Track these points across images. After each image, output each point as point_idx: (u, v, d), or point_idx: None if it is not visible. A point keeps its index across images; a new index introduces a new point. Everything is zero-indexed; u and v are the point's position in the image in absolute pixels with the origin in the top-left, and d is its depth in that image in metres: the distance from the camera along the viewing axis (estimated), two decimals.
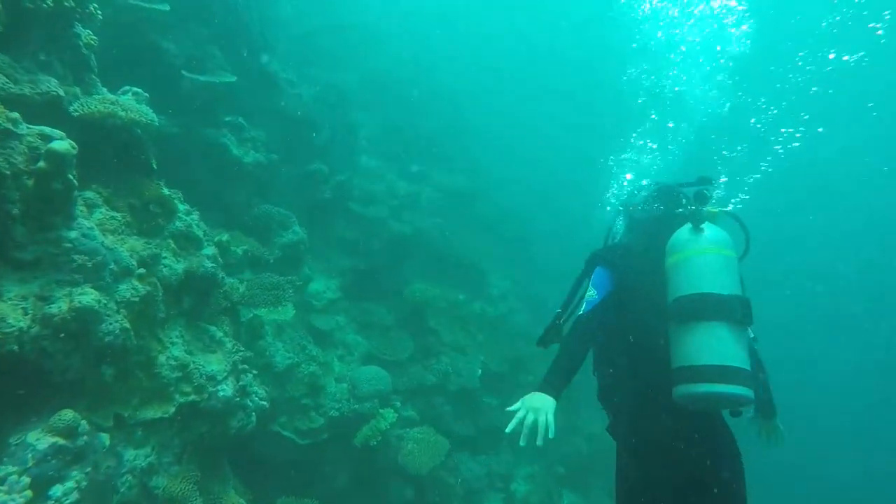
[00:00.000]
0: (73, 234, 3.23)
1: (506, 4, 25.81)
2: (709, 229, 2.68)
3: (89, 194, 3.66)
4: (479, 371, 10.21)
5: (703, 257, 2.62)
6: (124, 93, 4.44)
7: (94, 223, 3.52)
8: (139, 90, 4.44)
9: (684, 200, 3.12)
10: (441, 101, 15.24)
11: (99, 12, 3.89)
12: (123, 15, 7.07)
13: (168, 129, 7.37)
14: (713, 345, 2.45)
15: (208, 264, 4.35)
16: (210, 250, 4.52)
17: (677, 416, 2.57)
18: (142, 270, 3.69)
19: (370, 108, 12.80)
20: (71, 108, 3.58)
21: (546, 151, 23.45)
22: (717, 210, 2.83)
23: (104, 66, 6.94)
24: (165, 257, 3.99)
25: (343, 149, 10.78)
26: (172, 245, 4.13)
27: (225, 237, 5.31)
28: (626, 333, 2.83)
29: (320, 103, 10.67)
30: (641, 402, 2.73)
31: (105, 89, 4.30)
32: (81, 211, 3.48)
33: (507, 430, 2.48)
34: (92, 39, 4.11)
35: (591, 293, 2.90)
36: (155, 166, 4.25)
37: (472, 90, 19.03)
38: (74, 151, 3.19)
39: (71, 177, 3.23)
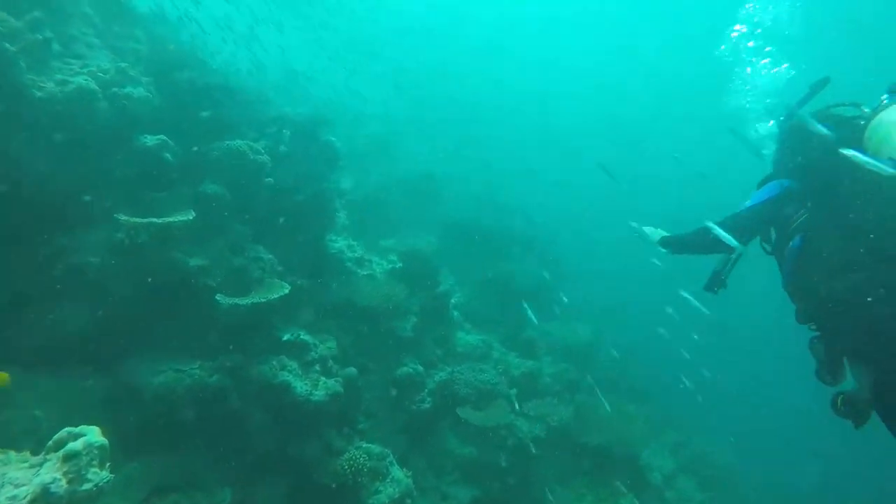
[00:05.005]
0: None
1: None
2: None
3: None
4: None
5: None
6: (58, 446, 2.15)
7: None
8: (90, 440, 2.15)
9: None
10: (534, 238, 12.97)
11: None
12: (140, 235, 5.24)
13: (205, 381, 5.22)
14: None
15: None
16: None
17: None
18: None
19: (455, 267, 10.56)
20: None
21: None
22: None
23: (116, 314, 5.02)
24: None
25: (436, 332, 8.39)
26: None
27: None
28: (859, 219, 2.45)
29: (398, 281, 8.50)
30: None
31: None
32: None
33: None
34: None
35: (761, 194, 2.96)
36: None
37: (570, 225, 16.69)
38: None
39: None
